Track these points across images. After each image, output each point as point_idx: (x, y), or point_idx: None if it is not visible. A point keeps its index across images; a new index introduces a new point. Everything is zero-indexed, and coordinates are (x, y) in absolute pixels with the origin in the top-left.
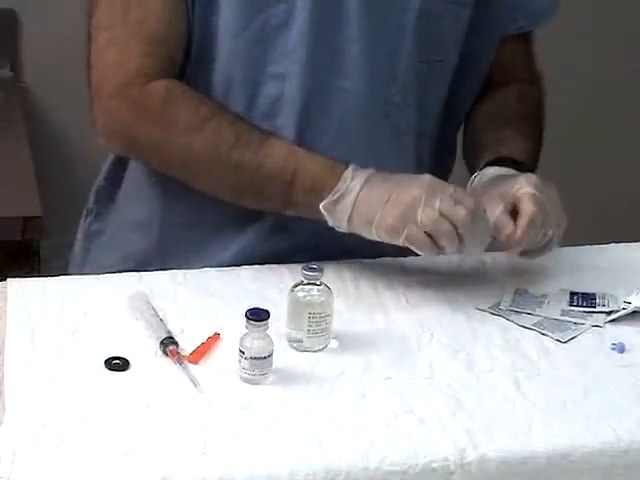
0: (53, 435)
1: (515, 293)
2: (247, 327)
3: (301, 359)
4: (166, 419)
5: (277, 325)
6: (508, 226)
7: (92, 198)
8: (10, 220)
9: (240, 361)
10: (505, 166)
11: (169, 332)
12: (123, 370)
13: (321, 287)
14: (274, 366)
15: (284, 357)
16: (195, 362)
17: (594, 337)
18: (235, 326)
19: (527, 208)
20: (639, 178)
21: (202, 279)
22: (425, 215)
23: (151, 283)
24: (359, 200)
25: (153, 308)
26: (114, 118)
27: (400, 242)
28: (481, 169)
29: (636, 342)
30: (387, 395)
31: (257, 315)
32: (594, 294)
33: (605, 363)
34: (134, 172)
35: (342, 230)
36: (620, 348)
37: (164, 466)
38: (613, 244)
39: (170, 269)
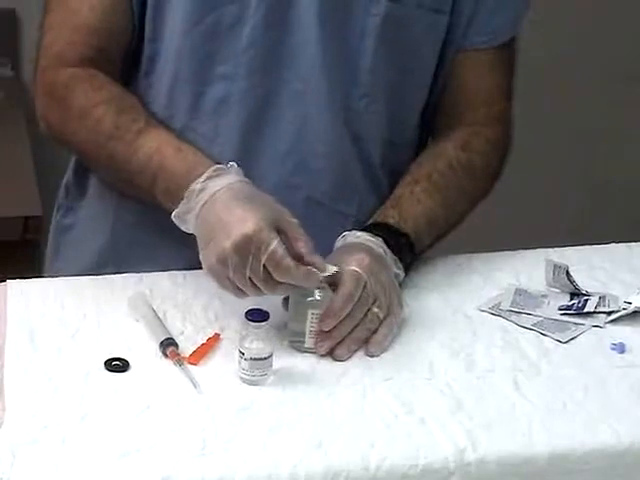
0: (53, 436)
1: (515, 293)
2: (247, 328)
3: (302, 360)
4: (166, 420)
5: (277, 325)
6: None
7: (62, 193)
8: (10, 220)
9: (240, 362)
10: (377, 234)
11: (169, 333)
12: (123, 371)
13: (322, 287)
14: (274, 367)
15: (284, 358)
16: (195, 363)
17: (594, 337)
18: (235, 327)
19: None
20: (639, 177)
21: (202, 280)
22: (236, 278)
23: (151, 284)
24: (198, 224)
25: (153, 309)
26: (36, 99)
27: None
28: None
29: (636, 342)
30: (387, 396)
31: (257, 315)
32: (594, 294)
33: (605, 363)
34: None
35: None
36: (620, 348)
37: (164, 467)
38: (613, 244)
39: (125, 272)
